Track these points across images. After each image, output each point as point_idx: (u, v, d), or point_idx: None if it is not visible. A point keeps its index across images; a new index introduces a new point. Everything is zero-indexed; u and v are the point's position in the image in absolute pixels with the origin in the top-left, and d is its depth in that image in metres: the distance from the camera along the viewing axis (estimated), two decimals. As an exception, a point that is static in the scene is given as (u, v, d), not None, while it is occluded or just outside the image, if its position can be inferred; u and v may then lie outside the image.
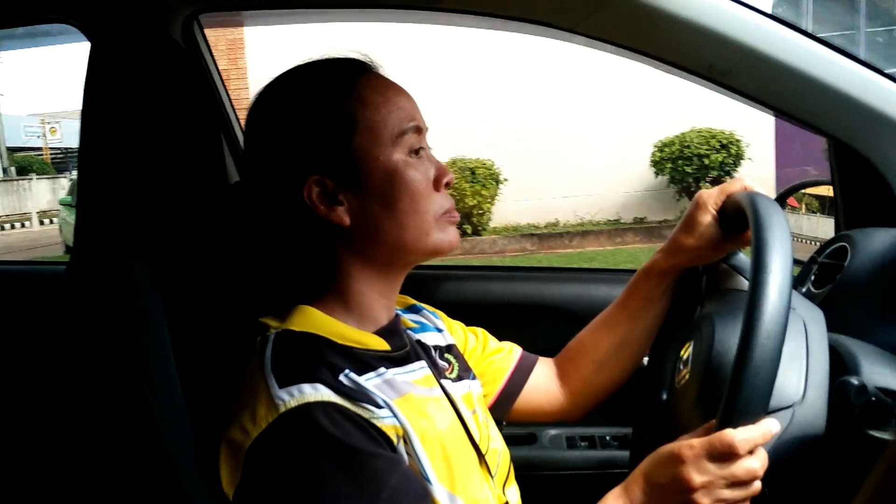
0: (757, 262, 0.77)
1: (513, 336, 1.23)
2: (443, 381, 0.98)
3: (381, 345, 0.93)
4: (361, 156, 0.89)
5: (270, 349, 0.85)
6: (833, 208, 1.31)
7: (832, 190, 1.31)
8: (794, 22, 1.11)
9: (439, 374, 0.99)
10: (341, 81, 0.91)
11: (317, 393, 0.80)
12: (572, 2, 1.15)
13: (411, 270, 0.99)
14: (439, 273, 1.67)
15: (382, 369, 0.89)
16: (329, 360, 0.85)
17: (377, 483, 0.77)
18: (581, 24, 1.16)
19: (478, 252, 9.26)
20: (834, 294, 1.08)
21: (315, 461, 0.77)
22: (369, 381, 0.86)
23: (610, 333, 1.14)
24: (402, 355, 0.95)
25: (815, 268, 1.18)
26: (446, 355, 1.06)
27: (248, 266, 1.07)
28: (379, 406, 0.83)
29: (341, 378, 0.83)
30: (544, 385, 1.16)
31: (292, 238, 0.93)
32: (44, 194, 19.03)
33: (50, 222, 16.87)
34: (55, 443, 1.02)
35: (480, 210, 9.47)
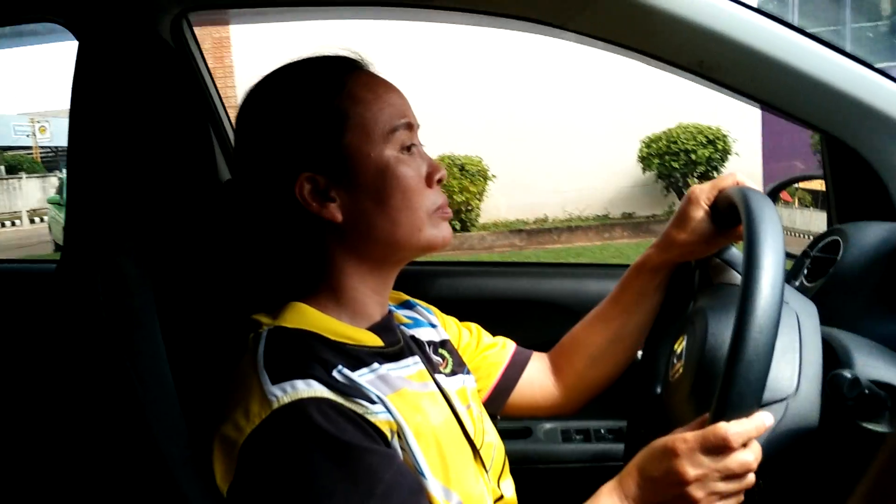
0: (749, 257, 0.77)
1: (507, 331, 1.23)
2: (437, 377, 0.98)
3: (375, 341, 0.93)
4: (353, 153, 0.89)
5: (263, 346, 0.85)
6: (825, 203, 1.32)
7: (824, 184, 1.31)
8: (780, 17, 1.11)
9: (433, 370, 0.99)
10: (332, 79, 0.91)
11: (310, 389, 0.80)
12: (563, -2, 1.15)
13: (404, 266, 0.99)
14: (433, 269, 1.67)
15: (376, 365, 0.89)
16: (322, 357, 0.84)
17: (372, 478, 0.77)
18: (572, 21, 1.16)
19: (466, 248, 9.27)
20: (827, 288, 1.09)
21: (309, 457, 0.77)
22: (363, 377, 0.86)
23: (603, 328, 1.14)
24: (396, 351, 0.95)
25: (808, 262, 1.18)
26: (440, 350, 1.06)
27: (240, 263, 1.07)
28: (372, 401, 0.83)
29: (334, 374, 0.83)
30: (538, 379, 1.17)
31: (284, 235, 0.93)
32: (34, 193, 18.95)
33: (40, 220, 16.81)
34: (48, 441, 1.01)
35: (469, 206, 9.47)
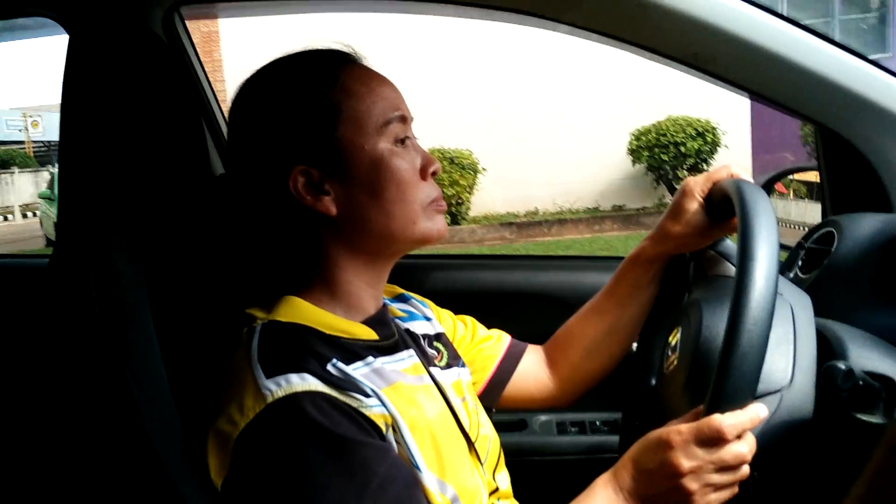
0: (743, 250, 0.77)
1: (502, 324, 1.23)
2: (432, 370, 0.98)
3: (369, 334, 0.93)
4: (346, 145, 0.89)
5: (257, 340, 0.85)
6: (820, 194, 1.32)
7: (818, 176, 1.31)
8: (772, 9, 1.11)
9: (428, 363, 0.99)
10: (325, 72, 0.91)
11: (304, 383, 0.80)
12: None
13: (399, 260, 0.99)
14: (427, 262, 1.67)
15: (370, 358, 0.89)
16: (316, 350, 0.84)
17: (366, 472, 0.77)
18: (566, 14, 1.16)
19: (457, 241, 9.30)
20: (821, 279, 1.09)
21: (303, 451, 0.77)
22: (357, 371, 0.86)
23: (598, 320, 1.14)
24: (391, 344, 0.95)
25: (803, 253, 1.18)
26: (435, 343, 1.06)
27: (234, 258, 1.07)
28: (367, 395, 0.83)
29: (329, 368, 0.83)
30: (533, 372, 1.17)
31: (279, 229, 0.93)
32: (26, 187, 18.88)
33: (33, 215, 16.77)
34: (41, 439, 1.01)
35: (459, 200, 9.49)
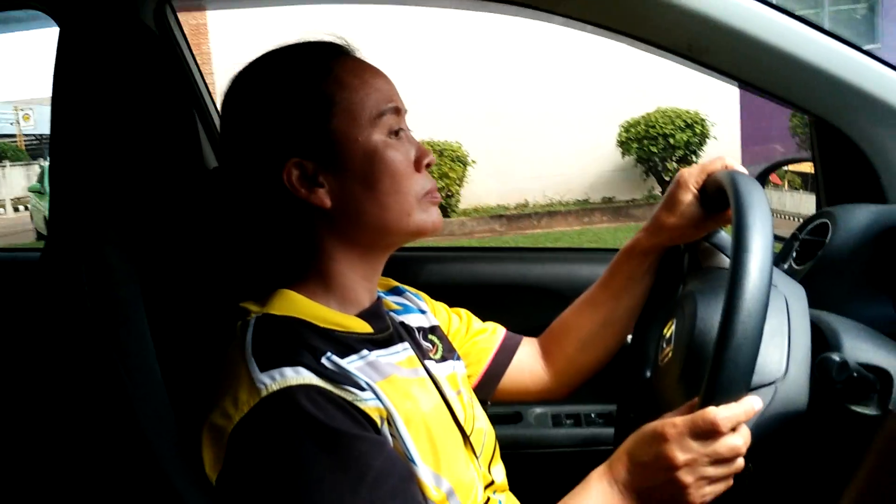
0: (737, 242, 0.77)
1: (496, 316, 1.23)
2: (426, 363, 0.98)
3: (364, 327, 0.92)
4: (340, 137, 0.88)
5: (251, 333, 0.85)
6: (814, 185, 1.32)
7: (813, 167, 1.31)
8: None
9: (423, 356, 0.99)
10: (318, 64, 0.90)
11: (299, 376, 0.79)
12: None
13: (394, 252, 0.98)
14: (422, 255, 1.67)
15: (365, 352, 0.89)
16: (311, 344, 0.84)
17: (362, 465, 0.77)
18: (561, 4, 1.15)
19: (447, 234, 9.31)
20: (815, 270, 1.09)
21: (298, 444, 0.77)
22: (352, 364, 0.85)
23: (593, 313, 1.14)
24: (385, 337, 0.95)
25: (797, 244, 1.18)
26: (430, 336, 1.06)
27: (228, 251, 1.06)
28: (362, 388, 0.83)
29: (323, 361, 0.83)
30: (529, 364, 1.17)
31: (273, 222, 0.93)
32: (18, 181, 18.76)
33: (24, 209, 16.67)
34: (34, 433, 1.00)
35: (449, 192, 9.48)
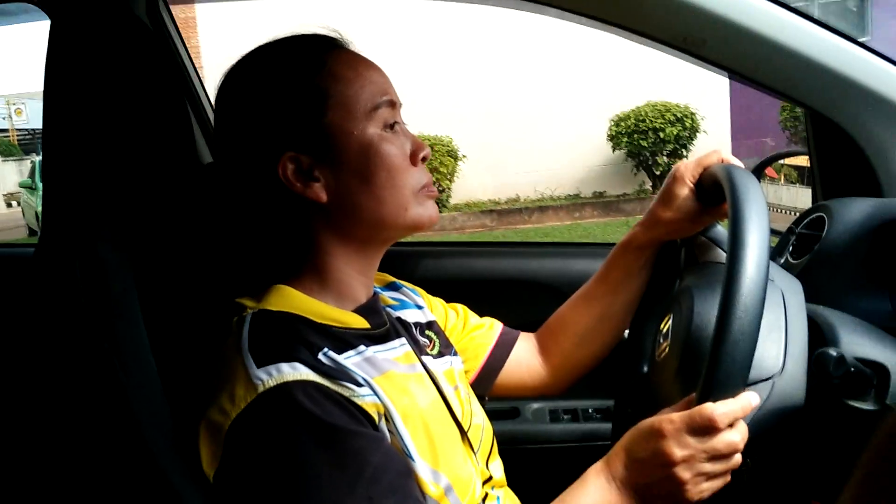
0: (734, 237, 0.77)
1: (493, 312, 1.22)
2: (424, 358, 0.98)
3: (361, 323, 0.92)
4: (335, 131, 0.88)
5: (247, 329, 0.84)
6: (811, 179, 1.32)
7: (809, 160, 1.31)
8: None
9: (420, 351, 0.99)
10: (312, 57, 0.90)
11: (295, 372, 0.79)
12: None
13: (390, 247, 0.98)
14: (418, 250, 1.67)
15: (362, 347, 0.88)
16: (307, 339, 0.84)
17: (360, 461, 0.77)
18: (557, -5, 1.15)
19: (437, 229, 9.32)
20: (812, 264, 1.09)
21: (296, 440, 0.77)
22: (349, 360, 0.85)
23: (590, 308, 1.14)
24: (382, 333, 0.94)
25: (793, 238, 1.18)
26: (427, 332, 1.06)
27: (223, 246, 1.06)
28: (359, 384, 0.82)
29: (320, 357, 0.82)
30: (526, 360, 1.17)
31: (269, 217, 0.92)
32: (10, 176, 18.68)
33: (17, 204, 16.62)
34: (28, 429, 1.00)
35: (440, 187, 9.51)
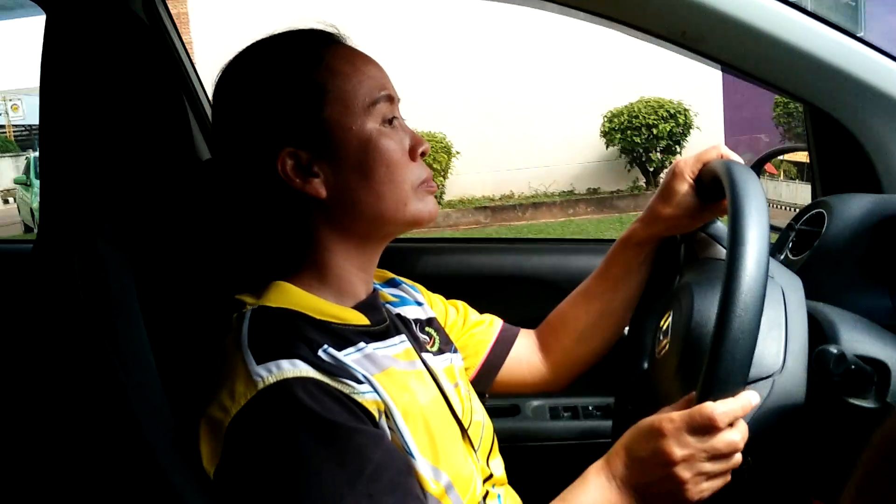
0: (733, 234, 0.77)
1: (493, 308, 1.22)
2: (424, 355, 0.98)
3: (360, 319, 0.92)
4: (333, 126, 0.87)
5: (247, 326, 0.84)
6: (810, 175, 1.31)
7: (808, 156, 1.31)
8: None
9: (420, 348, 0.99)
10: (309, 52, 0.90)
11: (295, 369, 0.79)
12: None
13: (389, 244, 0.98)
14: (418, 246, 1.66)
15: (362, 344, 0.88)
16: (307, 336, 0.84)
17: (360, 459, 0.77)
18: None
19: (431, 226, 9.32)
20: (812, 261, 1.08)
21: (296, 437, 0.76)
22: (349, 357, 0.85)
23: (590, 304, 1.14)
24: (382, 329, 0.94)
25: (793, 235, 1.18)
26: (427, 329, 1.06)
27: (223, 243, 1.05)
28: (359, 381, 0.82)
29: (320, 353, 0.82)
30: (526, 357, 1.16)
31: (268, 213, 0.92)
32: (7, 172, 18.62)
33: (14, 201, 16.60)
34: (27, 427, 1.00)
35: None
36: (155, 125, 1.05)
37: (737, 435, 0.77)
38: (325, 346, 0.83)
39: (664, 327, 0.98)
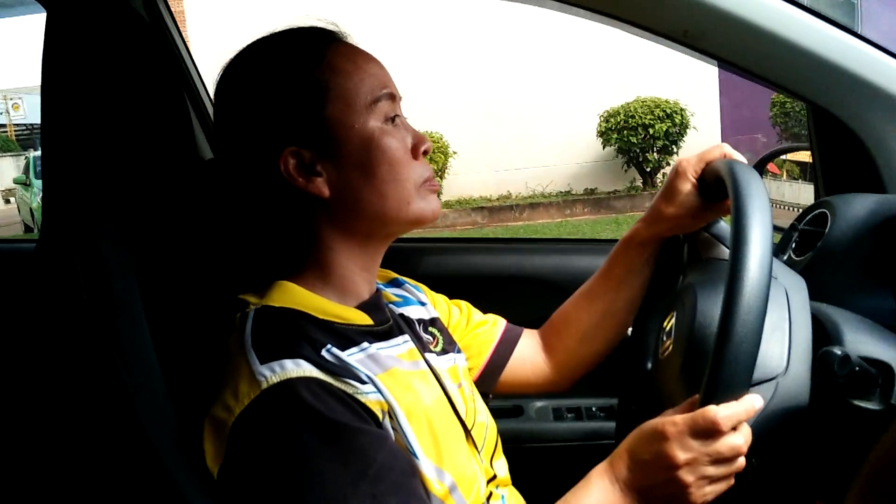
0: (736, 234, 0.76)
1: (496, 308, 1.22)
2: (427, 355, 0.97)
3: (364, 319, 0.92)
4: (336, 124, 0.87)
5: (250, 326, 0.84)
6: (813, 174, 1.31)
7: (811, 156, 1.30)
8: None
9: (423, 348, 0.99)
10: (310, 50, 0.89)
11: (299, 368, 0.79)
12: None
13: (392, 243, 0.98)
14: (421, 246, 1.66)
15: (365, 344, 0.88)
16: (310, 336, 0.83)
17: (364, 459, 0.77)
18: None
19: (428, 227, 9.33)
20: (815, 261, 1.08)
21: (299, 437, 0.76)
22: (352, 357, 0.85)
23: (593, 304, 1.13)
24: (385, 329, 0.94)
25: (796, 235, 1.17)
26: (430, 329, 1.05)
27: (225, 243, 1.05)
28: (363, 381, 0.82)
29: (323, 353, 0.82)
30: (530, 357, 1.16)
31: (271, 212, 0.92)
32: (8, 172, 18.60)
33: (15, 201, 16.59)
34: (30, 427, 0.99)
35: (430, 184, 9.53)
36: (157, 124, 1.05)
37: (740, 439, 0.76)
38: (329, 346, 0.83)
39: (667, 328, 0.98)
